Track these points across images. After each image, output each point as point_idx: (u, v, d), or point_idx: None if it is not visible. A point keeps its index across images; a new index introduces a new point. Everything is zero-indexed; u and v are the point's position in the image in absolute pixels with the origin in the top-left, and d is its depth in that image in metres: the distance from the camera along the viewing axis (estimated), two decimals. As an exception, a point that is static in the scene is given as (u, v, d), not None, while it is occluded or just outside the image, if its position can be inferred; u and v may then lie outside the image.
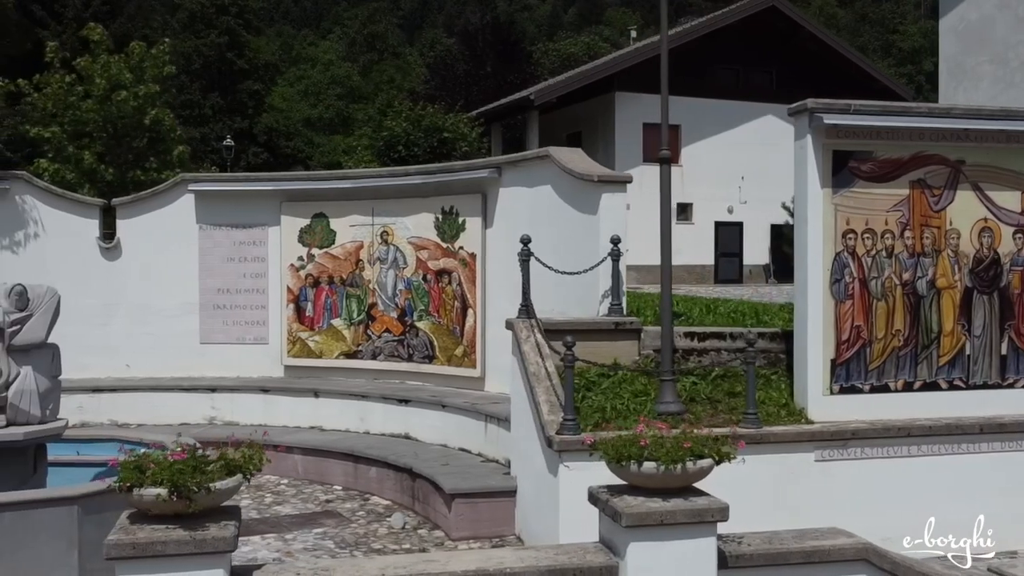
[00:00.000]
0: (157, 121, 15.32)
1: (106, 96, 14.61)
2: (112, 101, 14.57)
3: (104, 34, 16.04)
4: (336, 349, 12.39)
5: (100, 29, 16.31)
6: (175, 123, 16.51)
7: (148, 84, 15.20)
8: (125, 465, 4.89)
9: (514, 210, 10.78)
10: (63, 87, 14.86)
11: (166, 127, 15.87)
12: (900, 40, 78.38)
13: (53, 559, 6.88)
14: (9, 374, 7.90)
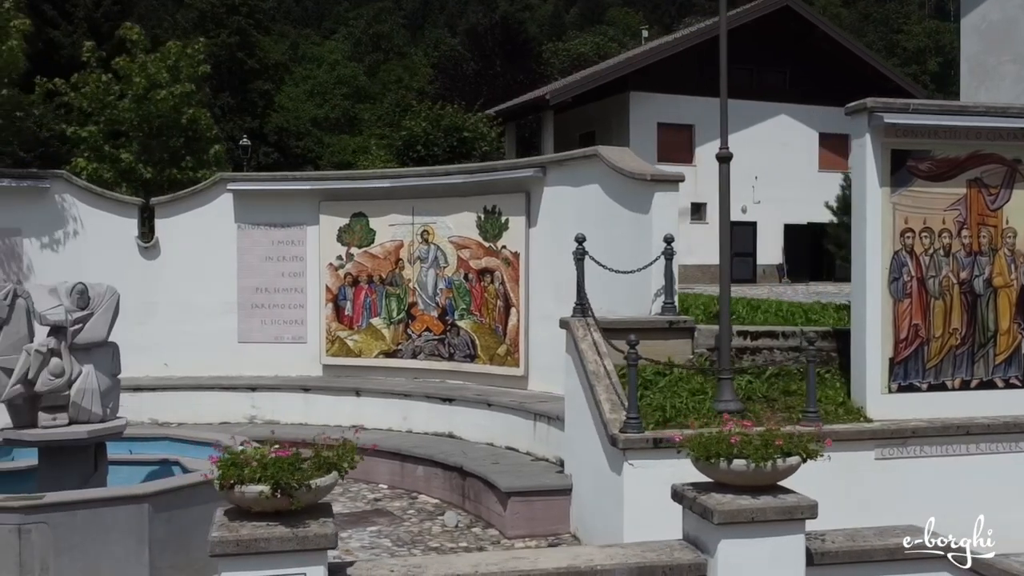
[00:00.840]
0: (194, 120, 15.35)
1: (143, 95, 14.62)
2: (151, 100, 14.58)
3: (141, 33, 16.08)
4: (375, 348, 12.40)
5: (138, 29, 16.35)
6: (211, 122, 16.53)
7: (184, 83, 15.24)
8: (225, 462, 4.90)
9: (559, 209, 10.79)
10: (100, 86, 14.89)
11: (202, 126, 15.90)
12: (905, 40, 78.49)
13: (125, 557, 6.90)
14: (72, 373, 7.92)
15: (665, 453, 7.56)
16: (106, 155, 14.59)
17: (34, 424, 7.83)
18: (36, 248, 12.39)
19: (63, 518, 6.72)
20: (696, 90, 32.34)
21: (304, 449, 5.16)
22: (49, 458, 7.93)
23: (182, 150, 15.14)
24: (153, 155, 14.79)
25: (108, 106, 14.59)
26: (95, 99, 14.72)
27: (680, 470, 7.65)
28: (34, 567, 6.64)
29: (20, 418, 7.87)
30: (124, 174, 14.25)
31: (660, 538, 5.92)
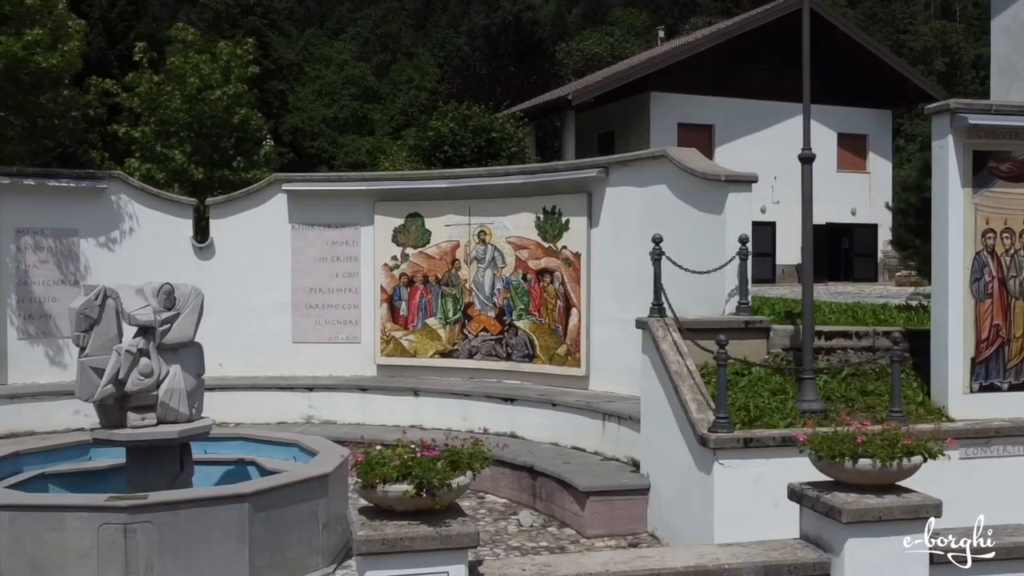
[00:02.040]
0: (244, 120, 15.38)
1: (196, 96, 14.64)
2: (205, 100, 14.61)
3: (196, 34, 16.11)
4: (431, 348, 12.44)
5: (193, 30, 16.38)
6: (261, 123, 16.56)
7: (236, 84, 15.27)
8: (370, 461, 4.93)
9: (622, 209, 10.82)
10: (152, 87, 14.92)
11: (253, 127, 15.92)
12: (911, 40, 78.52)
13: (226, 556, 6.94)
14: (160, 373, 7.96)
15: (754, 452, 7.63)
16: (157, 155, 14.62)
17: (123, 424, 7.88)
18: (92, 248, 12.42)
19: (167, 518, 6.78)
20: (715, 90, 32.43)
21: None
22: (137, 458, 7.98)
23: (231, 150, 15.17)
24: (204, 156, 14.82)
25: (161, 106, 14.62)
26: (150, 100, 14.75)
27: (768, 470, 7.75)
28: (139, 566, 6.69)
29: (109, 418, 7.91)
30: (175, 174, 14.28)
31: (750, 537, 5.96)
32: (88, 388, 7.70)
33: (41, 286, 12.09)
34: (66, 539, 6.65)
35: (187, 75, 14.60)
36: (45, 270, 12.12)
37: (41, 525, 6.69)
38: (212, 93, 14.59)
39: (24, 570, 6.66)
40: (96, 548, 6.62)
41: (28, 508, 6.78)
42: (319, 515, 7.69)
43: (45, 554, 6.65)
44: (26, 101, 11.70)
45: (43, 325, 12.15)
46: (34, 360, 12.10)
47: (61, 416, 11.58)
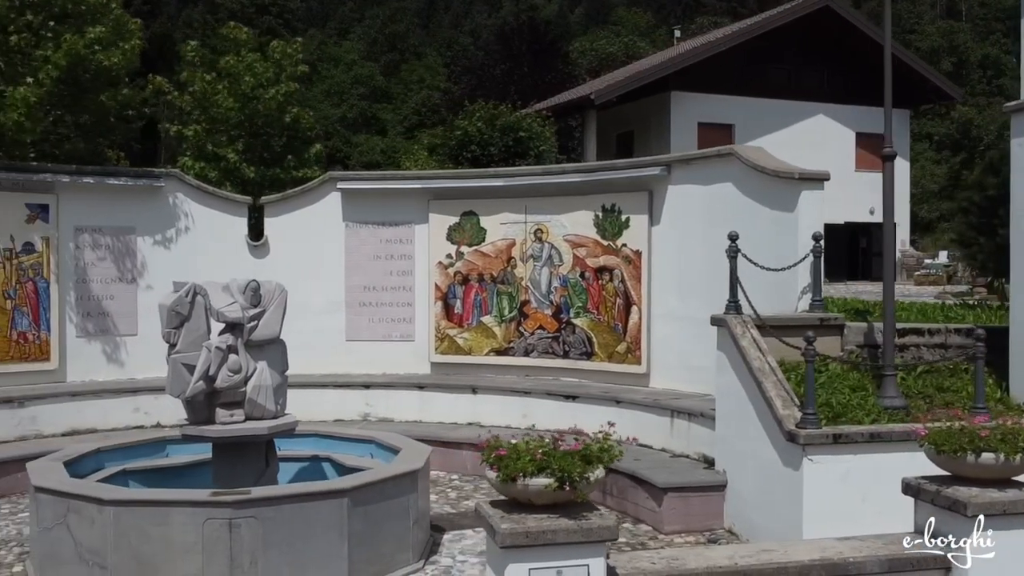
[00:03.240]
0: (296, 119, 15.42)
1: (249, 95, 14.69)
2: (259, 99, 14.64)
3: (250, 33, 16.16)
4: (486, 346, 12.47)
5: (247, 29, 16.42)
6: (312, 122, 16.59)
7: (288, 83, 15.30)
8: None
9: (685, 208, 10.86)
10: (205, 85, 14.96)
11: (304, 125, 15.96)
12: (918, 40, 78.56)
13: (326, 551, 6.98)
14: (248, 369, 8.00)
15: (843, 449, 7.67)
16: (208, 154, 14.66)
17: (211, 420, 7.92)
18: (149, 246, 12.46)
19: (270, 513, 6.82)
20: (735, 90, 32.49)
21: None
22: (224, 454, 8.02)
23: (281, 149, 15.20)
24: (254, 154, 14.86)
25: (214, 105, 14.65)
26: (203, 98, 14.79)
27: (855, 465, 7.80)
28: (243, 561, 6.72)
29: (197, 414, 7.96)
30: (227, 173, 14.31)
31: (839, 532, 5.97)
32: (180, 384, 7.75)
33: (99, 284, 12.13)
34: (171, 534, 6.70)
35: (241, 74, 14.66)
36: (103, 268, 12.16)
37: (146, 520, 6.73)
38: (266, 92, 14.63)
39: (129, 565, 6.70)
40: (201, 543, 6.66)
41: (134, 503, 6.83)
42: (410, 511, 7.73)
43: (150, 549, 6.70)
44: (85, 99, 11.74)
45: (101, 323, 12.18)
46: (92, 357, 12.13)
47: (121, 413, 11.64)
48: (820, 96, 34.25)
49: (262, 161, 14.91)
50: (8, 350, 11.46)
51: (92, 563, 6.82)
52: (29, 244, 11.60)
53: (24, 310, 11.57)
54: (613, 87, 31.25)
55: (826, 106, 34.28)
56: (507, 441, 5.24)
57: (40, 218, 11.66)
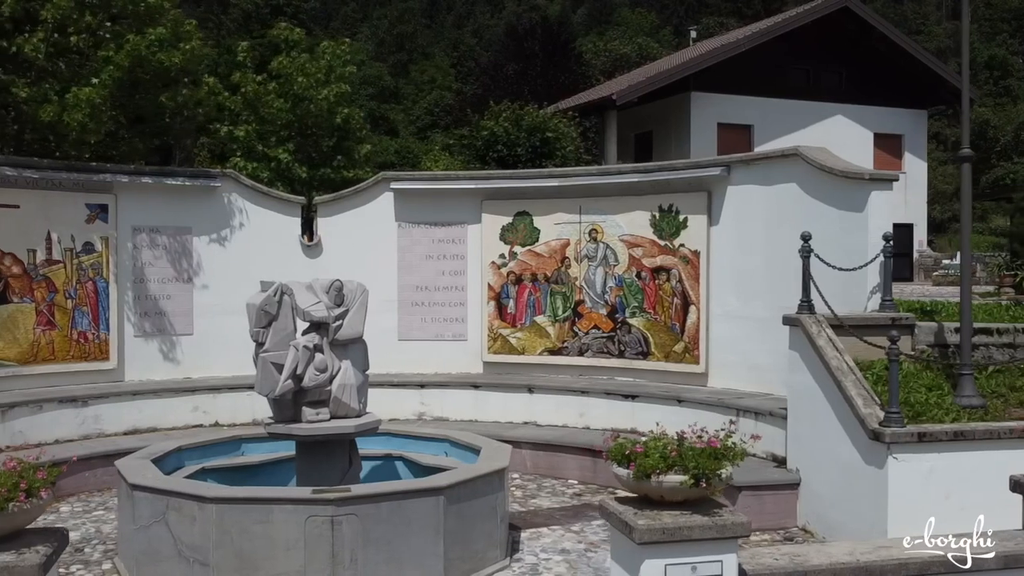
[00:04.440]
0: (346, 120, 15.47)
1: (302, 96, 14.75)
2: (312, 100, 14.70)
3: (301, 33, 16.22)
4: (540, 345, 12.53)
5: (298, 30, 16.48)
6: (362, 122, 16.65)
7: (340, 83, 15.36)
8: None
9: (745, 208, 10.92)
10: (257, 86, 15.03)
11: (354, 125, 16.02)
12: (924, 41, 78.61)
13: (422, 548, 7.04)
14: (333, 368, 8.06)
15: (927, 447, 7.73)
16: (259, 154, 14.72)
17: (296, 419, 7.98)
18: (204, 245, 12.51)
19: (370, 510, 6.87)
20: (755, 90, 32.54)
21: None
22: (309, 452, 8.08)
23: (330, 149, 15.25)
24: (304, 155, 14.91)
25: (266, 105, 14.71)
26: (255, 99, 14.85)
27: (939, 464, 7.87)
28: (344, 558, 6.78)
29: (283, 413, 8.02)
30: (279, 173, 14.37)
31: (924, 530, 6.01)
32: (269, 383, 7.80)
33: (156, 284, 12.19)
34: (273, 531, 6.75)
35: (294, 75, 14.72)
36: (159, 268, 12.21)
37: (249, 518, 6.79)
38: (318, 92, 14.70)
39: (231, 562, 6.76)
40: (303, 540, 6.72)
41: (236, 501, 6.88)
42: (497, 509, 7.79)
43: (252, 546, 6.75)
44: (144, 100, 11.80)
45: (158, 322, 12.24)
46: (149, 357, 12.19)
47: (180, 412, 11.70)
48: (838, 97, 34.29)
49: (311, 161, 14.96)
50: (68, 349, 11.52)
51: (193, 560, 6.87)
52: (89, 244, 11.66)
53: (84, 310, 11.63)
54: (634, 88, 31.28)
55: (844, 107, 34.31)
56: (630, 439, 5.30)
57: (99, 218, 11.72)
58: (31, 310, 11.24)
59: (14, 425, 10.43)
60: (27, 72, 11.51)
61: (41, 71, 11.49)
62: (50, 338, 11.39)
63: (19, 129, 11.79)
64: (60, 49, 11.62)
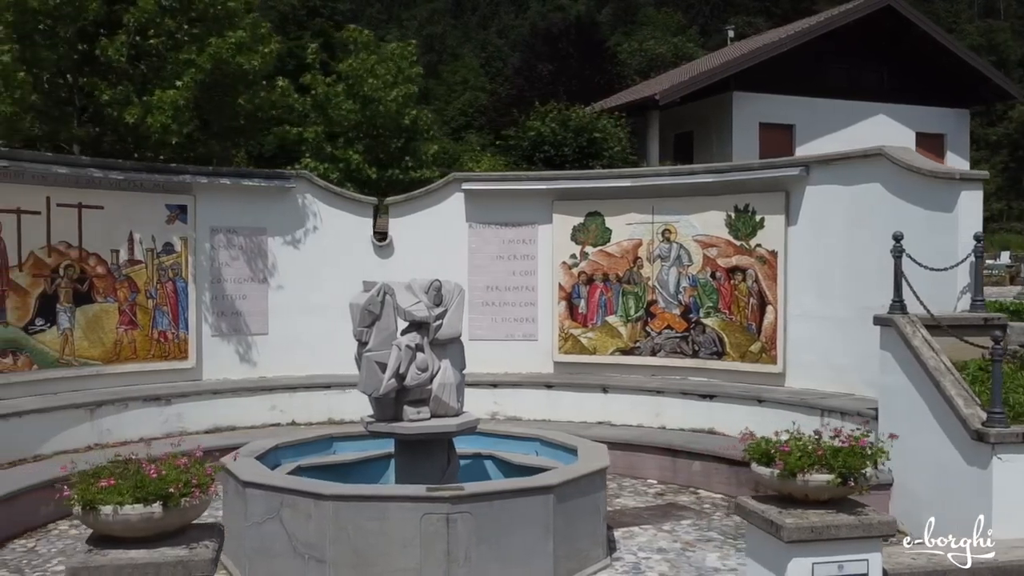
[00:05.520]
0: (414, 121, 15.58)
1: (370, 97, 14.86)
2: (380, 101, 14.82)
3: (371, 35, 16.34)
4: (611, 345, 12.56)
5: (368, 31, 16.60)
6: (430, 122, 16.76)
7: (408, 84, 15.47)
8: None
9: (825, 208, 10.90)
10: (326, 88, 15.16)
11: (422, 126, 16.12)
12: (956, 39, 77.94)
13: (532, 546, 7.09)
14: (434, 368, 8.13)
15: (1032, 447, 7.68)
16: (327, 155, 14.85)
17: (397, 417, 8.05)
18: (279, 246, 12.64)
19: (484, 508, 6.92)
20: (797, 90, 32.40)
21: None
22: (409, 451, 8.15)
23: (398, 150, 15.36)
24: (372, 155, 15.03)
25: (336, 107, 14.84)
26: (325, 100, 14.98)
27: (1044, 464, 7.78)
28: (459, 555, 6.84)
29: (385, 411, 8.10)
30: (348, 174, 14.49)
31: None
32: (373, 382, 7.88)
33: (232, 284, 12.33)
34: (389, 529, 6.83)
35: (364, 77, 14.84)
36: (236, 268, 12.35)
37: (365, 515, 6.87)
38: (388, 94, 14.80)
39: (348, 558, 6.84)
40: (419, 537, 6.79)
41: (353, 498, 6.96)
42: (600, 507, 7.84)
43: (368, 543, 6.83)
44: (223, 103, 11.93)
45: (234, 322, 12.37)
46: (225, 356, 12.33)
47: (258, 411, 11.84)
48: (880, 96, 34.06)
49: (378, 162, 15.07)
50: (149, 349, 11.67)
51: (308, 557, 6.96)
52: (169, 244, 11.81)
53: (164, 309, 11.78)
54: (677, 88, 31.20)
55: (886, 106, 34.07)
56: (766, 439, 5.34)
57: (179, 219, 11.86)
58: (114, 310, 11.39)
59: (102, 423, 10.59)
60: (108, 75, 11.66)
61: (122, 74, 11.63)
62: (132, 337, 11.54)
63: (100, 131, 11.94)
64: (140, 52, 11.76)
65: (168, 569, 4.31)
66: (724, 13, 76.49)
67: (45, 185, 10.70)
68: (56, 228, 10.83)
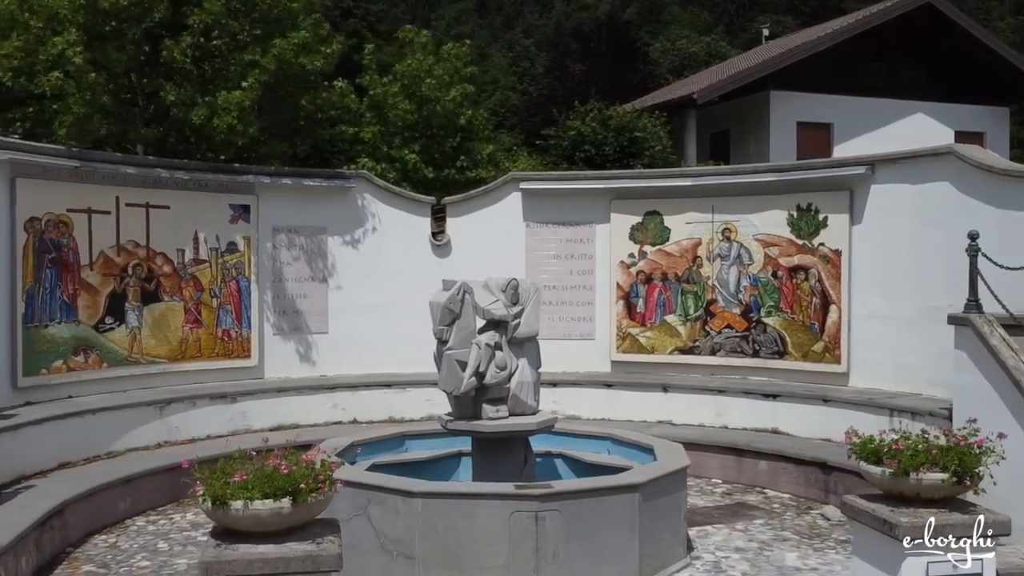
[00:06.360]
0: (470, 121, 15.64)
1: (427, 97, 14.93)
2: (438, 101, 14.89)
3: (428, 35, 16.43)
4: (670, 345, 12.55)
5: (425, 32, 16.69)
6: (486, 122, 16.81)
7: (465, 85, 15.54)
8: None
9: (891, 207, 10.85)
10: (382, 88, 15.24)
11: (477, 126, 16.19)
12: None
13: (618, 544, 7.11)
14: (512, 366, 8.16)
15: None
16: (384, 155, 14.93)
17: (476, 416, 8.08)
18: (338, 246, 12.71)
19: (572, 506, 6.95)
20: (835, 89, 32.19)
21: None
22: (488, 449, 8.18)
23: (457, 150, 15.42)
24: (428, 155, 15.10)
25: (393, 107, 14.91)
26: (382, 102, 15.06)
27: None
28: (547, 552, 6.87)
29: (464, 410, 8.13)
30: (405, 174, 14.57)
31: None
32: (454, 380, 7.92)
33: (293, 283, 12.41)
34: (478, 526, 6.87)
35: (422, 77, 14.91)
36: (296, 267, 12.43)
37: (454, 512, 6.92)
38: (446, 94, 14.87)
39: (437, 555, 6.89)
40: (507, 535, 6.82)
41: (442, 496, 7.02)
42: (681, 506, 7.85)
43: (457, 540, 6.88)
44: (285, 103, 12.02)
45: (294, 321, 12.46)
46: (286, 355, 12.41)
47: (320, 409, 11.92)
48: (918, 94, 33.74)
49: (434, 162, 15.14)
50: (213, 347, 11.78)
51: (396, 553, 7.01)
52: (232, 244, 11.91)
53: (228, 308, 11.88)
54: (716, 87, 31.04)
55: (924, 104, 33.78)
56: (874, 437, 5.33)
57: (242, 218, 11.96)
58: (180, 308, 11.51)
59: (170, 420, 10.70)
60: (172, 76, 11.77)
61: (186, 75, 11.74)
62: (197, 336, 11.65)
63: (164, 131, 12.06)
64: (203, 53, 11.87)
65: (297, 564, 4.35)
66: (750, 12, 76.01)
67: (114, 185, 10.83)
68: (125, 227, 10.95)
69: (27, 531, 7.29)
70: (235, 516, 4.44)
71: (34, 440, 9.12)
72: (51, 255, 10.21)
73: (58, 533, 8.10)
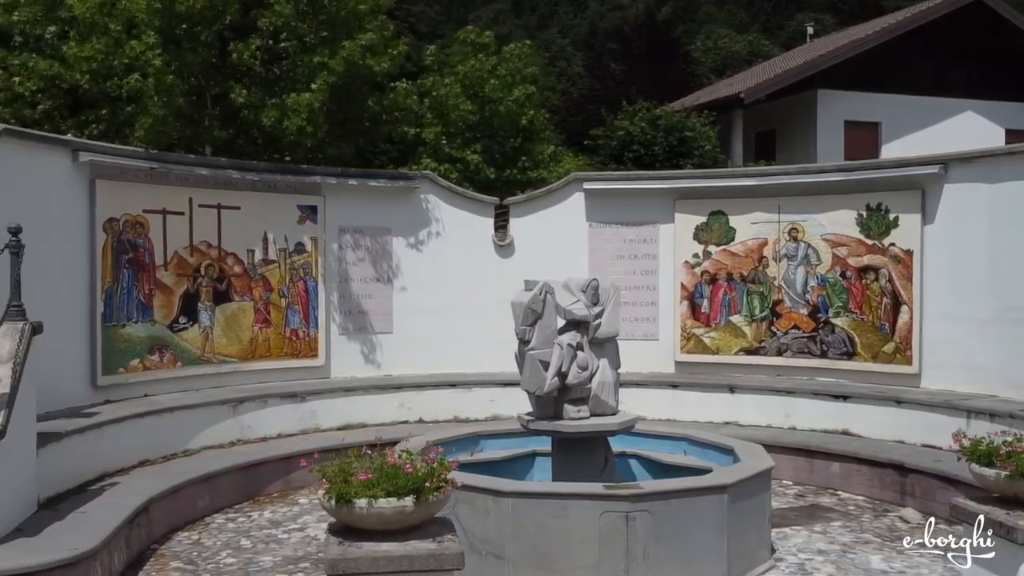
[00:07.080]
0: (532, 121, 15.69)
1: (491, 98, 15.00)
2: (500, 102, 14.95)
3: (490, 36, 16.50)
4: (735, 345, 12.48)
5: (488, 32, 16.77)
6: (547, 123, 16.86)
7: (527, 85, 15.59)
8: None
9: (965, 207, 10.72)
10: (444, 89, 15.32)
11: (539, 126, 16.23)
12: (1027, 30, 76.03)
13: (707, 545, 7.10)
14: (593, 366, 8.17)
15: None
16: (446, 156, 15.01)
17: (557, 416, 8.10)
18: (403, 246, 12.78)
19: (661, 507, 6.94)
20: (883, 87, 31.86)
21: None
22: (568, 449, 8.19)
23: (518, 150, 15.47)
24: (490, 155, 15.16)
25: (454, 108, 14.99)
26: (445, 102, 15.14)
27: None
28: (637, 553, 6.87)
29: (544, 409, 8.15)
30: (466, 175, 14.64)
31: None
32: (537, 380, 7.94)
33: (358, 283, 12.50)
34: (568, 526, 6.89)
35: (485, 78, 14.97)
36: (362, 268, 12.52)
37: (544, 512, 6.94)
38: (509, 94, 14.92)
39: (528, 555, 6.91)
40: (597, 535, 6.82)
41: (532, 496, 7.04)
42: (765, 507, 7.81)
43: (547, 540, 6.89)
44: (352, 104, 12.10)
45: (359, 321, 12.54)
46: (351, 355, 12.50)
47: (387, 409, 12.00)
48: (967, 92, 33.33)
49: (495, 162, 15.19)
50: (282, 347, 11.89)
51: (486, 553, 7.04)
52: (300, 244, 12.01)
53: (296, 308, 11.98)
54: (763, 86, 30.87)
55: (974, 102, 33.35)
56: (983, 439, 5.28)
57: (309, 219, 12.06)
58: (250, 308, 11.62)
59: (243, 419, 10.82)
60: (241, 78, 11.89)
61: (255, 77, 11.86)
62: (266, 335, 11.76)
63: (233, 133, 12.19)
64: (272, 56, 11.98)
65: (421, 562, 4.39)
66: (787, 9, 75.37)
67: (187, 186, 10.96)
68: (198, 228, 11.08)
69: (119, 528, 7.39)
70: (359, 514, 4.48)
71: (115, 438, 9.25)
72: (128, 255, 10.35)
73: (144, 530, 8.22)
